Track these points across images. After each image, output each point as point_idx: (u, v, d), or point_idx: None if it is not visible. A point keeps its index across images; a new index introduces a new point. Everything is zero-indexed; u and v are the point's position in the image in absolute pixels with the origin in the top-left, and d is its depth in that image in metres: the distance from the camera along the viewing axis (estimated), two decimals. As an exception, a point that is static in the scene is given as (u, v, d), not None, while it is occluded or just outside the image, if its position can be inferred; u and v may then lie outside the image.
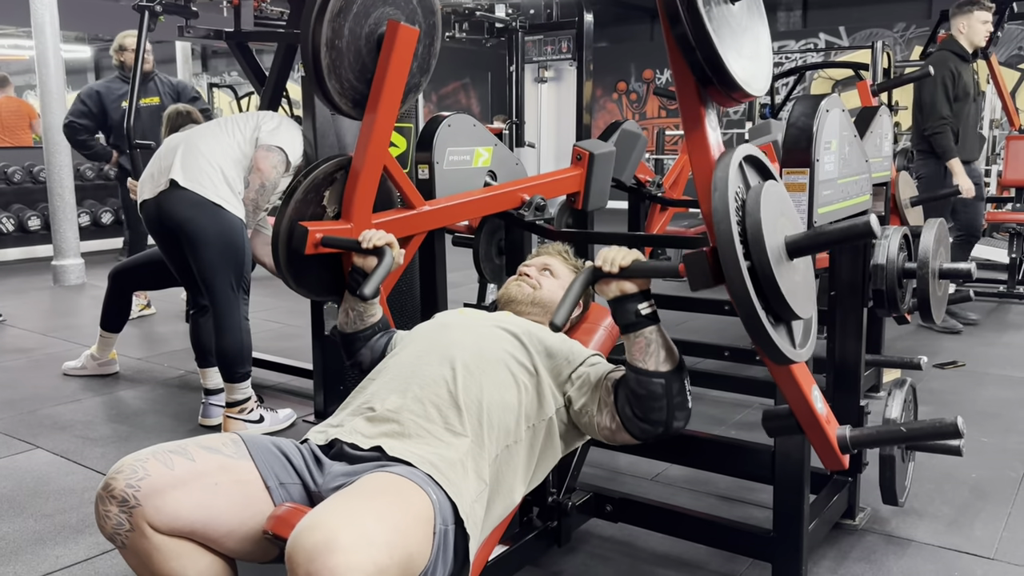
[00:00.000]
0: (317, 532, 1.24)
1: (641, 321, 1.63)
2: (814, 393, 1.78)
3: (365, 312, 2.05)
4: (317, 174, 2.24)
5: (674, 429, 1.68)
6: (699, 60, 1.48)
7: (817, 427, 1.79)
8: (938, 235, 2.38)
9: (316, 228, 2.14)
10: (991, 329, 4.96)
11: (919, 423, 1.78)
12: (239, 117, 3.29)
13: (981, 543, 2.40)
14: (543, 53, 5.46)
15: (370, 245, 1.98)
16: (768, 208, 1.48)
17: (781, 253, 1.49)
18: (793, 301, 1.48)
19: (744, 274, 1.41)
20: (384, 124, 2.24)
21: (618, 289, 1.63)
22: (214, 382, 3.44)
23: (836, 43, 11.33)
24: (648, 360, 1.63)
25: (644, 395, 1.65)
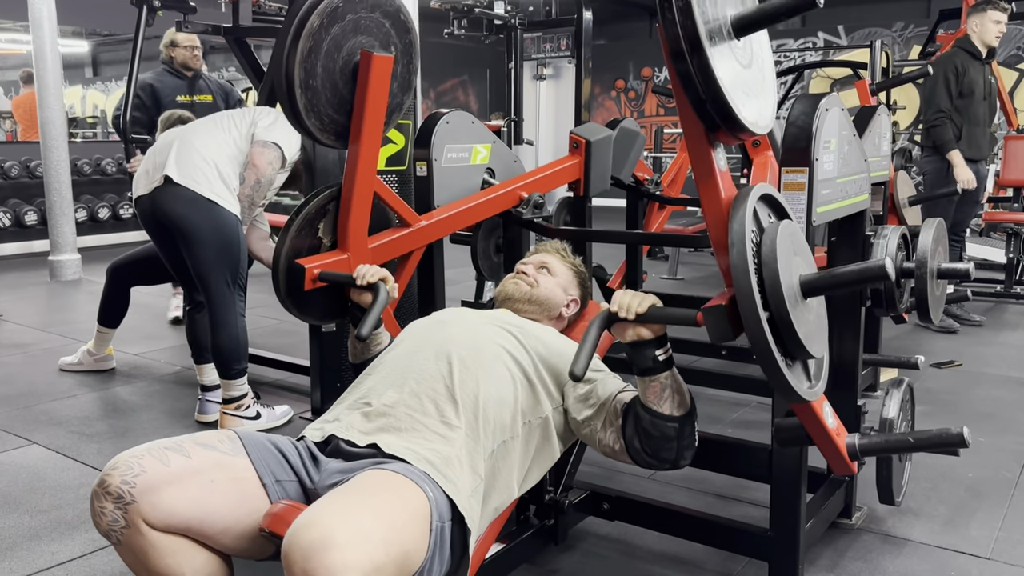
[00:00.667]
0: (313, 529, 1.24)
1: (658, 367, 1.63)
2: (826, 409, 1.80)
3: (371, 341, 2.04)
4: (309, 209, 2.25)
5: (680, 466, 1.72)
6: (709, 112, 1.48)
7: (828, 440, 1.82)
8: (936, 235, 2.38)
9: (313, 264, 2.15)
10: (988, 329, 4.97)
11: (926, 433, 1.79)
12: (235, 113, 3.28)
13: (977, 543, 2.41)
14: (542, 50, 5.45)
15: (364, 283, 1.99)
16: (783, 252, 1.48)
17: (796, 295, 1.50)
18: (808, 343, 1.50)
19: (764, 326, 1.42)
20: (369, 153, 2.24)
21: (635, 335, 1.62)
22: (211, 378, 3.43)
23: (835, 42, 11.33)
24: (663, 405, 1.65)
25: (657, 436, 1.67)
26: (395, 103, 2.38)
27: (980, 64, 4.84)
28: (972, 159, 4.85)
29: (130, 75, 3.90)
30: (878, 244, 2.32)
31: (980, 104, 4.84)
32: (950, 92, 4.71)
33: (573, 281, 2.17)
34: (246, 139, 3.17)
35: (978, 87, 4.81)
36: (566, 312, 2.13)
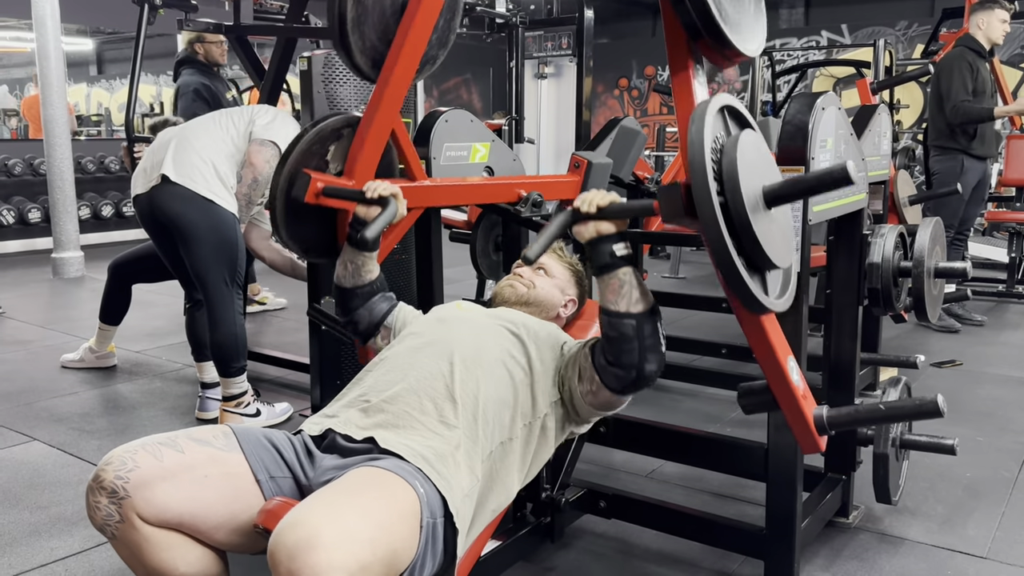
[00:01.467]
0: (299, 529, 1.24)
1: (616, 262, 1.65)
2: (790, 364, 1.73)
3: (363, 266, 2.01)
4: (324, 127, 2.22)
5: (647, 372, 1.68)
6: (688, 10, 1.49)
7: (793, 403, 1.73)
8: (934, 234, 2.38)
9: (319, 177, 2.10)
10: (990, 328, 4.96)
11: (899, 402, 1.74)
12: (233, 111, 3.28)
13: (974, 542, 2.41)
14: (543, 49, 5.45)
15: (375, 195, 1.94)
16: (745, 153, 1.48)
17: (758, 200, 1.50)
18: (769, 247, 1.49)
19: (716, 207, 1.41)
20: (398, 86, 2.21)
21: (595, 230, 1.65)
22: (210, 376, 3.44)
23: (838, 41, 11.30)
24: (620, 302, 1.65)
25: (616, 337, 1.66)
26: (430, 54, 2.38)
27: (984, 61, 4.83)
28: (982, 156, 4.84)
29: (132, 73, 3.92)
30: (875, 243, 2.33)
31: (989, 102, 4.83)
32: (966, 87, 4.68)
33: (571, 281, 2.17)
34: (244, 137, 3.17)
35: (988, 85, 4.80)
36: (564, 312, 2.13)
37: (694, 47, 1.60)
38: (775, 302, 1.58)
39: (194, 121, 3.30)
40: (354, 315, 2.02)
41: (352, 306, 2.02)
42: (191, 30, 3.87)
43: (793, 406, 1.76)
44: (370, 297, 2.02)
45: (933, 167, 4.94)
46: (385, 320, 2.03)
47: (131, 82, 3.91)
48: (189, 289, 3.47)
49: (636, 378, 1.68)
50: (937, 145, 4.88)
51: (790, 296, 1.66)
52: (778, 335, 1.74)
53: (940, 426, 3.29)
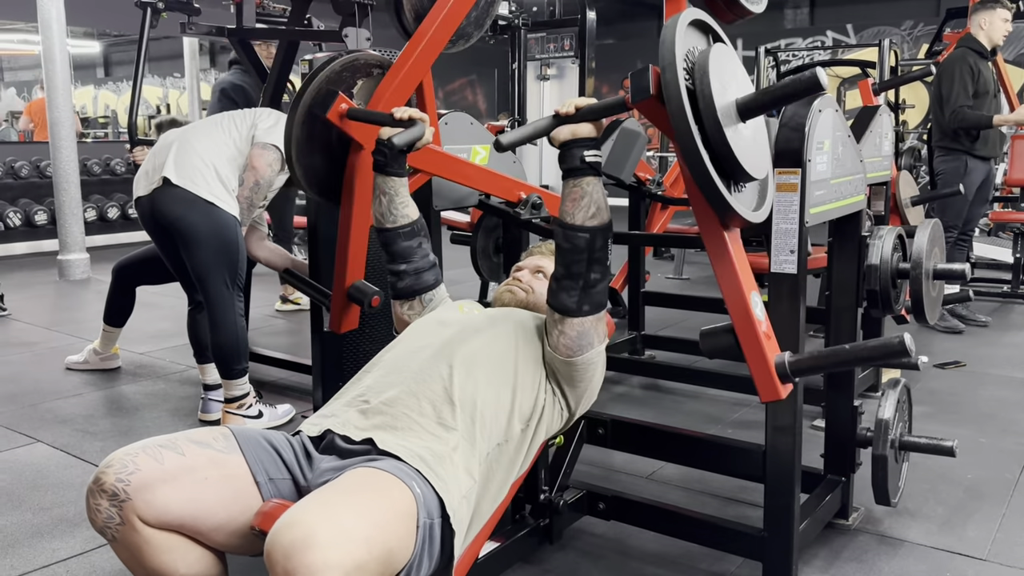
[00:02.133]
0: (295, 529, 1.25)
1: (584, 168, 1.70)
2: (753, 298, 1.69)
3: (396, 197, 2.00)
4: (359, 57, 2.23)
5: (591, 282, 1.73)
6: None
7: (755, 341, 1.68)
8: (932, 236, 2.38)
9: (346, 100, 2.10)
10: (994, 329, 4.94)
11: (863, 343, 1.67)
12: (236, 114, 3.30)
13: (974, 544, 2.40)
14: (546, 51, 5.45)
15: (404, 115, 1.96)
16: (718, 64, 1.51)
17: (731, 112, 1.53)
18: (744, 158, 1.51)
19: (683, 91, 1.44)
20: (436, 38, 2.25)
21: (570, 132, 1.70)
22: (212, 377, 3.45)
23: (843, 41, 11.28)
24: (577, 213, 1.70)
25: (568, 248, 1.71)
26: (466, 30, 2.42)
27: (986, 62, 4.81)
28: (986, 157, 4.83)
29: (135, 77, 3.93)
30: (874, 245, 2.33)
31: (992, 103, 4.82)
32: (967, 90, 4.67)
33: None
34: (246, 141, 3.19)
35: (990, 85, 4.79)
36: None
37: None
38: (750, 213, 1.60)
39: (197, 123, 3.32)
40: (399, 266, 2.03)
41: (396, 251, 2.02)
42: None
43: (754, 345, 1.70)
44: (413, 239, 2.02)
45: (937, 167, 4.93)
46: (424, 293, 2.05)
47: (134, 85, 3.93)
48: (191, 291, 3.49)
49: (583, 288, 1.73)
50: (941, 146, 4.87)
51: (767, 209, 1.69)
52: (744, 267, 1.72)
53: (942, 427, 3.29)
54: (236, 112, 3.32)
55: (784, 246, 2.01)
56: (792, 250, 1.99)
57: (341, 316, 2.49)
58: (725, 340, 1.75)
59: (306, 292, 3.09)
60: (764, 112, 1.63)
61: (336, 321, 2.50)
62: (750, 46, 8.18)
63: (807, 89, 1.49)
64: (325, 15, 3.70)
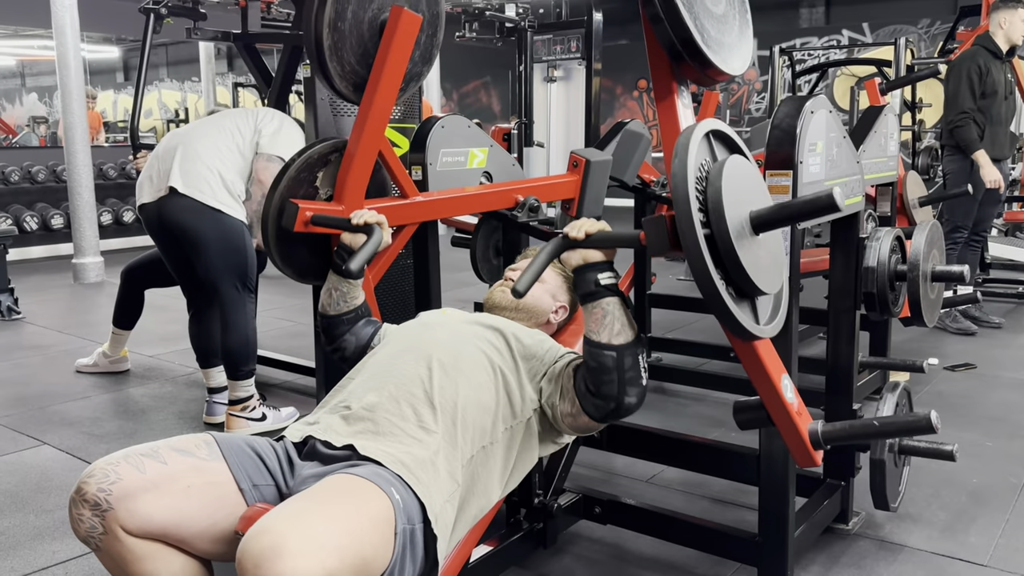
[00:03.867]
0: (265, 537, 1.24)
1: (600, 291, 1.65)
2: (784, 381, 1.74)
3: (348, 293, 2.03)
4: (311, 153, 2.24)
5: (626, 405, 1.67)
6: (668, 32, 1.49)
7: (788, 420, 1.75)
8: (930, 237, 2.35)
9: (307, 206, 2.12)
10: (1007, 331, 4.88)
11: (892, 418, 1.75)
12: (237, 115, 3.30)
13: (975, 550, 2.37)
14: (552, 52, 5.45)
15: (360, 221, 1.97)
16: (731, 180, 1.47)
17: (745, 226, 1.49)
18: (756, 275, 1.48)
19: (700, 240, 1.41)
20: (381, 108, 2.23)
21: (582, 258, 1.66)
22: (217, 381, 3.48)
23: (859, 40, 11.19)
24: (602, 332, 1.65)
25: (596, 367, 1.66)
26: (414, 71, 2.40)
27: (1001, 63, 4.75)
28: (995, 158, 4.77)
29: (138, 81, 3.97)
30: (871, 247, 2.30)
31: (1002, 103, 4.76)
32: (973, 92, 4.62)
33: (562, 287, 2.16)
34: (250, 146, 3.20)
35: (1000, 86, 4.73)
36: (555, 318, 2.13)
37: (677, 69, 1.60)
38: (764, 328, 1.57)
39: (199, 127, 3.31)
40: (340, 341, 2.04)
41: (337, 333, 2.04)
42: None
43: (788, 423, 1.78)
44: (355, 323, 2.04)
45: (945, 167, 4.89)
46: (371, 342, 2.03)
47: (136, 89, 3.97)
48: (191, 296, 3.51)
49: (615, 409, 1.69)
50: (949, 145, 4.82)
51: (780, 320, 1.65)
52: (770, 354, 1.74)
53: (949, 431, 3.25)
54: (237, 112, 3.32)
55: (776, 249, 1.99)
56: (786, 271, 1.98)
57: None
58: (759, 416, 1.81)
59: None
60: (778, 227, 1.58)
61: None
62: (765, 45, 8.13)
63: (824, 208, 1.46)
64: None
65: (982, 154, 4.61)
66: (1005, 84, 4.78)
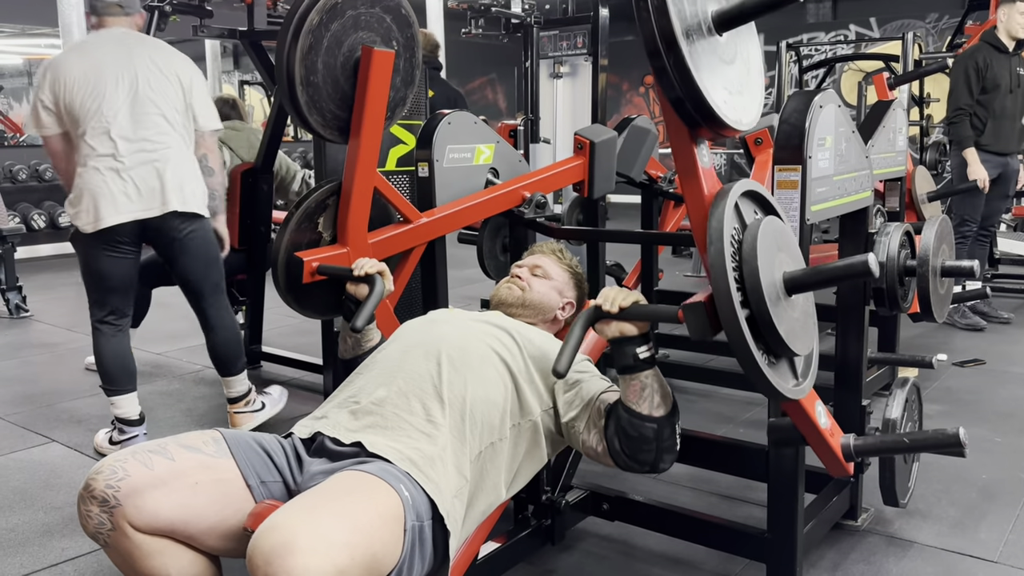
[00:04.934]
0: (276, 533, 1.25)
1: (639, 365, 1.63)
2: (818, 409, 1.79)
3: (363, 338, 2.07)
4: (309, 203, 2.29)
5: (660, 470, 1.71)
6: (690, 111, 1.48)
7: (822, 441, 1.82)
8: (940, 232, 2.34)
9: (312, 257, 2.19)
10: (1016, 326, 4.86)
11: (922, 434, 1.79)
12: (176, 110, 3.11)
13: (985, 546, 2.36)
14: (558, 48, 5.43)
15: (361, 272, 2.02)
16: (765, 249, 1.46)
17: (779, 292, 1.49)
18: (792, 341, 1.48)
19: (743, 325, 1.41)
20: (369, 148, 2.27)
21: (617, 331, 1.62)
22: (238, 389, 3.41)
23: (867, 35, 11.14)
24: (642, 404, 1.64)
25: (635, 437, 1.66)
26: (398, 97, 2.41)
27: (1007, 57, 4.73)
28: (1000, 152, 4.75)
29: None
30: (880, 242, 2.29)
31: (1006, 97, 4.74)
32: (971, 88, 4.63)
33: (569, 283, 2.16)
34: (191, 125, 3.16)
35: (1004, 80, 4.71)
36: (561, 315, 2.13)
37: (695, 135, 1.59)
38: (795, 389, 1.58)
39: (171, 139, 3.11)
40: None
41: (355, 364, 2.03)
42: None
43: (821, 443, 1.86)
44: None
45: (951, 161, 4.88)
46: None
47: None
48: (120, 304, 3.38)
49: (647, 472, 1.72)
50: (951, 139, 4.82)
51: (812, 377, 1.66)
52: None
53: (959, 426, 3.23)
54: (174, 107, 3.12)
55: (785, 244, 1.98)
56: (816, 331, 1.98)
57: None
58: (793, 436, 1.87)
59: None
60: (811, 290, 1.58)
61: None
62: (772, 40, 8.10)
63: (859, 274, 1.46)
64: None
65: (971, 152, 4.63)
66: (1012, 78, 4.76)
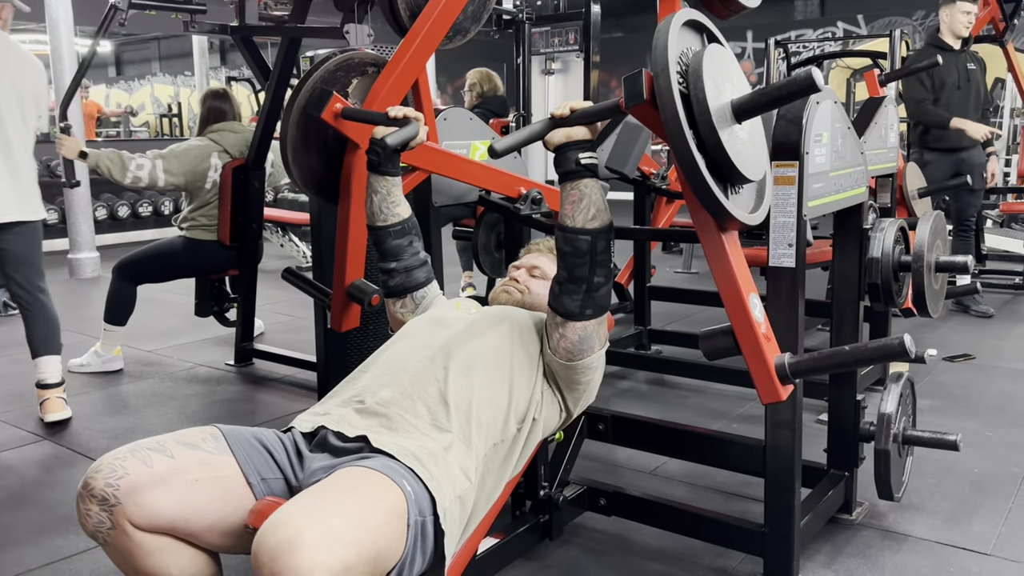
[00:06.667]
0: (281, 530, 1.24)
1: (580, 171, 1.69)
2: (752, 300, 1.69)
3: (388, 196, 2.02)
4: (353, 57, 2.22)
5: (595, 286, 1.72)
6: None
7: (754, 343, 1.68)
8: (934, 228, 2.35)
9: (340, 99, 2.10)
10: (1005, 321, 4.90)
11: (863, 344, 1.67)
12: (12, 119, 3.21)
13: (979, 539, 2.38)
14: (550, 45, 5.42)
15: (398, 114, 1.97)
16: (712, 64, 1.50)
17: (727, 113, 1.52)
18: (737, 158, 1.50)
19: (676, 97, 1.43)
20: (431, 35, 2.23)
21: (565, 135, 1.69)
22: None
23: (854, 32, 11.20)
24: (578, 216, 1.69)
25: (570, 252, 1.70)
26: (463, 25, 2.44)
27: (952, 55, 4.86)
28: (950, 148, 4.85)
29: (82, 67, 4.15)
30: (875, 237, 2.30)
31: (954, 94, 4.86)
32: (924, 84, 4.79)
33: None
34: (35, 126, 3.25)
35: (950, 78, 4.83)
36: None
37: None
38: (747, 215, 1.58)
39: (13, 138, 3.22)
40: (390, 265, 2.04)
41: (387, 249, 2.03)
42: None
43: (754, 348, 1.70)
44: (403, 237, 2.03)
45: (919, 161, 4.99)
46: (416, 291, 2.05)
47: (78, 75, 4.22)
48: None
49: (586, 291, 1.72)
50: (930, 128, 4.93)
51: (764, 211, 1.68)
52: (742, 267, 1.71)
53: (949, 421, 3.26)
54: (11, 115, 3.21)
55: (782, 240, 1.99)
56: (790, 243, 1.97)
57: (342, 315, 2.49)
58: (724, 342, 1.74)
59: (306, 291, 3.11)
60: (760, 113, 1.61)
61: (337, 320, 2.50)
62: (760, 38, 8.13)
63: (802, 90, 1.47)
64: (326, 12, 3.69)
65: (957, 120, 4.72)
66: (960, 75, 4.86)
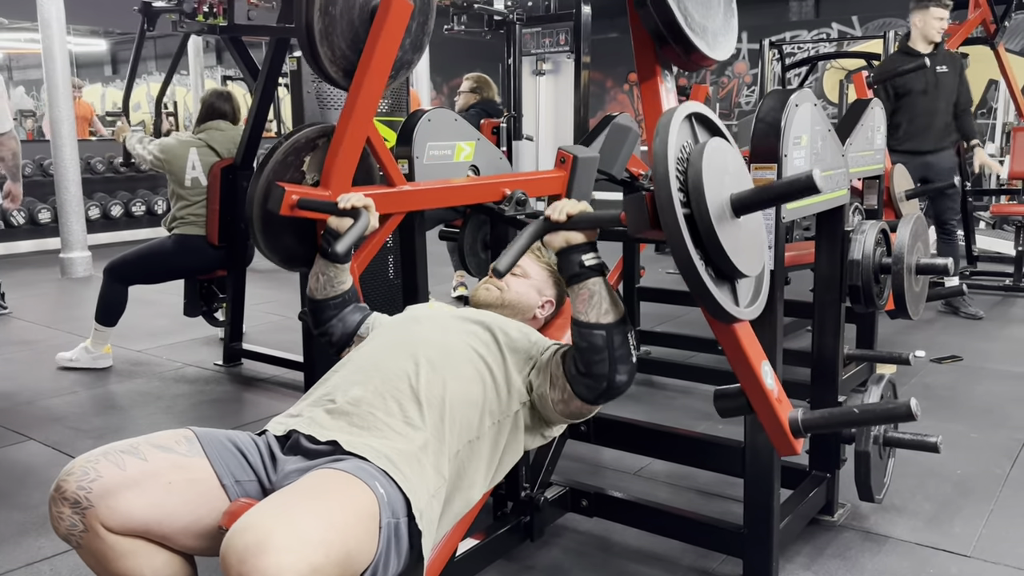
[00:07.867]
0: (249, 533, 1.24)
1: (585, 272, 1.66)
2: (764, 368, 1.74)
3: (335, 278, 2.03)
4: (299, 137, 2.23)
5: (617, 383, 1.68)
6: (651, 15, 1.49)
7: (767, 407, 1.75)
8: (914, 230, 2.36)
9: (293, 190, 2.11)
10: (993, 323, 4.91)
11: (872, 405, 1.76)
12: None
13: (959, 540, 2.39)
14: (541, 45, 5.43)
15: (347, 205, 1.96)
16: (712, 162, 1.48)
17: (725, 209, 1.50)
18: (736, 256, 1.48)
19: (679, 218, 1.41)
20: (370, 94, 2.23)
21: (564, 240, 1.67)
22: None
23: (849, 33, 11.21)
24: (590, 312, 1.66)
25: (586, 347, 1.67)
26: (404, 59, 2.40)
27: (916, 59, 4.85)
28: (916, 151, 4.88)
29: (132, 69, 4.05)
30: (856, 240, 2.31)
31: (920, 98, 4.87)
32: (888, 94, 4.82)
33: (548, 281, 2.16)
34: None
35: (917, 84, 4.85)
36: (541, 313, 2.12)
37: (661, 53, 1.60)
38: (744, 311, 1.57)
39: None
40: (327, 327, 2.03)
41: (324, 318, 2.03)
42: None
43: (768, 410, 1.78)
44: (342, 308, 2.04)
45: None
46: (359, 330, 2.03)
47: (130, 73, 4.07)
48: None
49: (607, 388, 1.69)
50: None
51: (761, 303, 1.65)
52: (750, 339, 1.74)
53: (934, 423, 3.27)
54: None
55: (761, 242, 1.99)
56: (769, 246, 1.98)
57: None
58: (739, 403, 1.81)
59: None
60: (759, 210, 1.59)
61: None
62: (755, 39, 8.14)
63: (803, 190, 1.45)
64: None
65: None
66: (928, 79, 4.88)
